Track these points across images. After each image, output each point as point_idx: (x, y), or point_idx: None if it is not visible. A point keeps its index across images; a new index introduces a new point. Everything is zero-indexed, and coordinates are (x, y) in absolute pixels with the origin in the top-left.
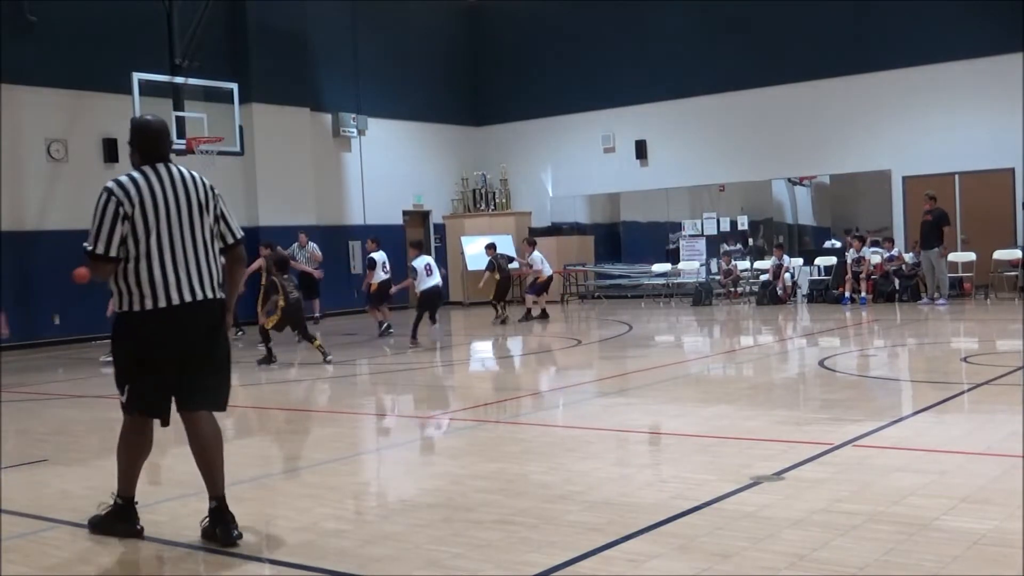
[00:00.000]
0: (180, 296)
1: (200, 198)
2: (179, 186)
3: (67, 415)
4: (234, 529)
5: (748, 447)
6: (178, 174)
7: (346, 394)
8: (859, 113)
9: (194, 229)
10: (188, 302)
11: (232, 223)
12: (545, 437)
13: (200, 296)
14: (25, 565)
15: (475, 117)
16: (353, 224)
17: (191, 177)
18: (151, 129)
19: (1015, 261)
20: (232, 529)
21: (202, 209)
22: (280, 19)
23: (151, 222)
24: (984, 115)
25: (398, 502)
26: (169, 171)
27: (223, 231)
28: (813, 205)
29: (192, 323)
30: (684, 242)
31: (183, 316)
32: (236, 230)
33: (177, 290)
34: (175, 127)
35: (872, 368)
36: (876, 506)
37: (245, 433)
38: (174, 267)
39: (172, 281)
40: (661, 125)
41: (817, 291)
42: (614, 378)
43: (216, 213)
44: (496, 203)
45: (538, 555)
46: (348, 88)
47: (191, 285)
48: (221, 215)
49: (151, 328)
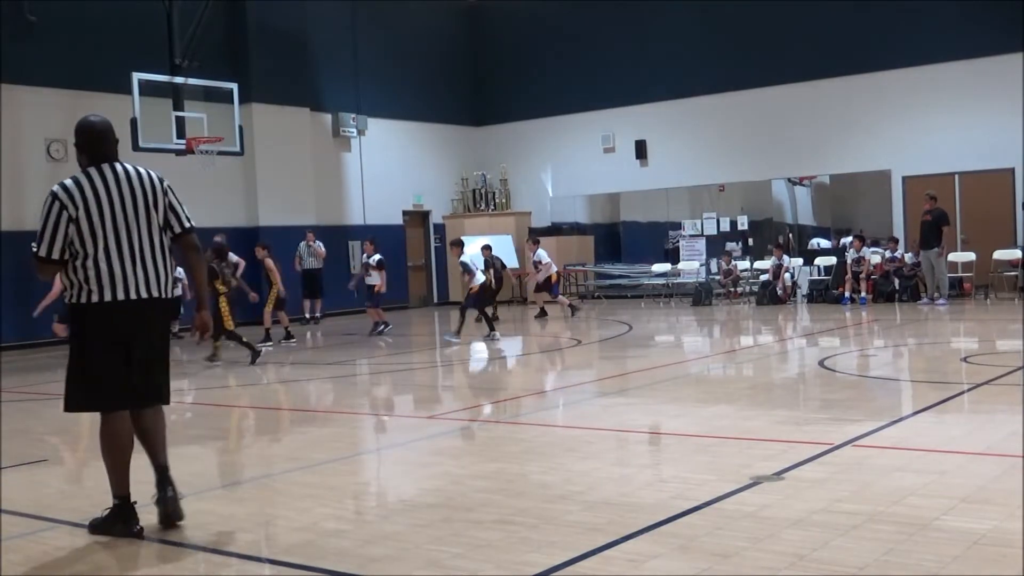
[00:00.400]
0: (125, 293)
1: (147, 194)
2: (124, 185)
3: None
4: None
5: (748, 447)
6: (123, 172)
7: (346, 394)
8: (859, 113)
9: (140, 227)
10: (133, 299)
11: (181, 214)
12: (545, 437)
13: (144, 294)
14: (25, 565)
15: (475, 117)
16: (353, 224)
17: (138, 174)
18: (96, 130)
19: (1015, 261)
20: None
21: (149, 206)
22: (280, 19)
23: (96, 222)
24: (984, 115)
25: (398, 502)
26: (115, 170)
27: (171, 221)
28: (813, 205)
29: (136, 320)
30: (684, 242)
31: (127, 313)
32: (184, 220)
33: (123, 287)
34: (175, 127)
35: (872, 368)
36: (876, 506)
37: (245, 433)
38: (120, 265)
39: (119, 278)
40: (661, 125)
41: (817, 291)
42: (614, 378)
43: (165, 206)
44: (496, 203)
45: (538, 555)
46: (348, 88)
47: (136, 283)
48: (170, 207)
49: (97, 322)
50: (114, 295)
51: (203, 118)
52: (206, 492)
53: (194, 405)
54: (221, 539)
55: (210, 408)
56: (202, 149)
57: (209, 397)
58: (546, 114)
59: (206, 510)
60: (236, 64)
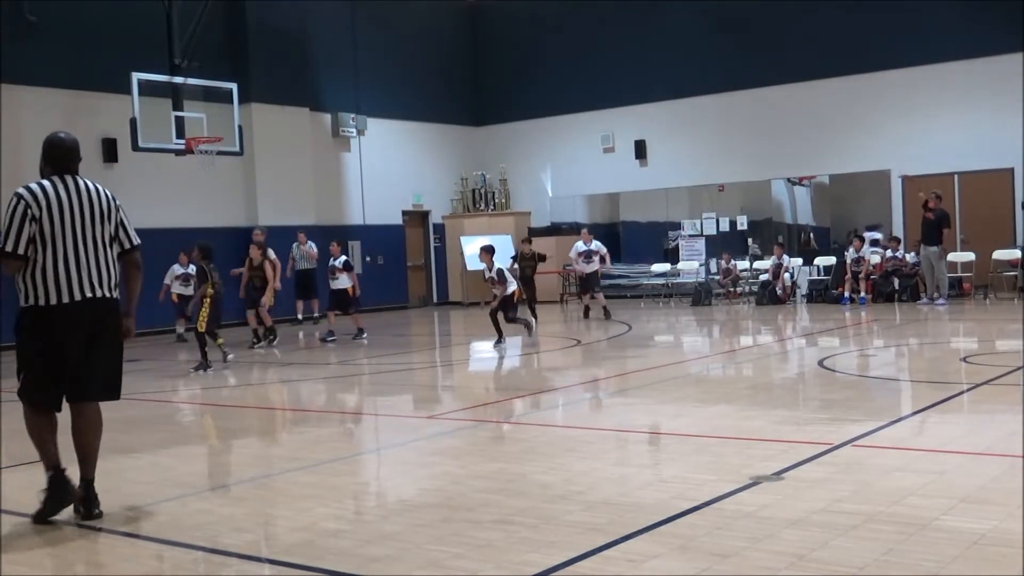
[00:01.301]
0: (81, 293)
1: (102, 208)
2: (83, 196)
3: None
4: (96, 507)
5: (748, 447)
6: (83, 185)
7: (346, 394)
8: (859, 113)
9: (94, 234)
10: (78, 300)
11: (130, 231)
12: (545, 437)
13: (90, 294)
14: (25, 565)
15: (475, 117)
16: (353, 224)
17: (95, 189)
18: (64, 146)
19: (1014, 261)
20: (95, 506)
21: (103, 217)
22: (280, 19)
23: (56, 225)
24: (984, 115)
25: (398, 502)
26: (75, 182)
27: (120, 238)
28: (813, 205)
29: (86, 319)
30: (683, 242)
31: (78, 312)
32: (132, 237)
33: (79, 288)
34: (174, 127)
35: (872, 368)
36: (876, 506)
37: (245, 433)
38: (76, 267)
39: (75, 279)
40: (660, 125)
41: (816, 291)
42: (614, 378)
43: (116, 222)
44: (496, 203)
45: (538, 555)
46: (347, 88)
47: (84, 284)
48: (120, 223)
49: (49, 322)
50: (72, 296)
51: (203, 118)
52: (206, 492)
53: (195, 405)
54: (221, 539)
55: (211, 408)
56: (202, 149)
57: (209, 397)
58: (546, 114)
59: (206, 510)
60: (236, 64)
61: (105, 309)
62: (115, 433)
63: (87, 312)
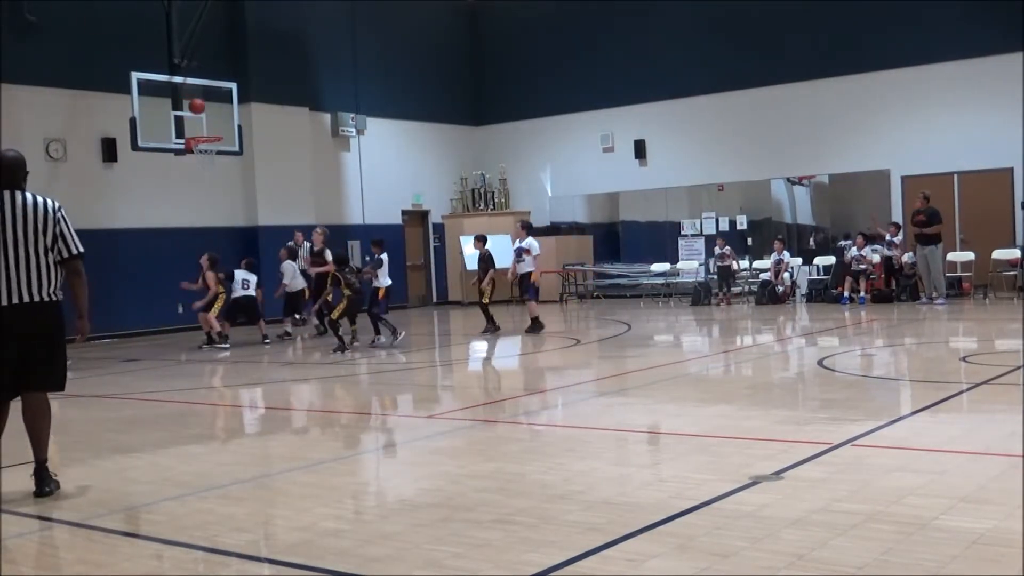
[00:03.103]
0: (9, 299)
1: (39, 220)
2: (19, 208)
3: (66, 415)
4: (46, 485)
5: (748, 447)
6: (21, 199)
7: (345, 394)
8: (859, 113)
9: (28, 244)
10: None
11: (69, 241)
12: (544, 437)
13: (18, 300)
14: (25, 565)
15: (474, 117)
16: (352, 224)
17: (34, 202)
18: (6, 161)
19: (1014, 261)
20: (45, 485)
21: (38, 230)
22: (280, 19)
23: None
24: (984, 115)
25: (397, 502)
26: (13, 196)
27: (60, 247)
28: (812, 205)
29: (23, 320)
30: (683, 241)
31: (15, 314)
32: (72, 247)
33: (7, 294)
34: (174, 127)
35: (871, 368)
36: (875, 506)
37: (245, 433)
38: (15, 273)
39: (13, 284)
40: (660, 125)
41: (816, 291)
42: (613, 378)
43: (55, 232)
44: (495, 203)
45: (537, 555)
46: (347, 88)
47: (13, 291)
48: (60, 234)
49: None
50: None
51: (202, 118)
52: (206, 492)
53: (193, 405)
54: (221, 539)
55: (210, 408)
56: (201, 149)
57: (209, 397)
58: (545, 114)
59: (206, 510)
60: (235, 64)
61: (40, 311)
62: (115, 433)
63: (20, 315)
